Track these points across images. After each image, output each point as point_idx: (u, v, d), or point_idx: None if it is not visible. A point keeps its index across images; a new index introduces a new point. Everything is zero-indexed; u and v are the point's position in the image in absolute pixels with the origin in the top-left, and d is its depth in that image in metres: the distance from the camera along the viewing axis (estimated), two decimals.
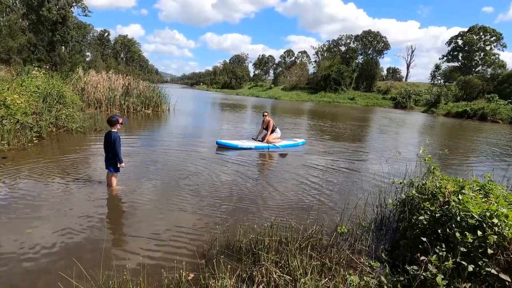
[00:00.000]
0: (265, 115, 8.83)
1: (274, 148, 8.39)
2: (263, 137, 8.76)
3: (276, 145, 8.48)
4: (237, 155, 7.51)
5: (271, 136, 8.63)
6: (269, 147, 8.39)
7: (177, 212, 4.06)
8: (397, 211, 3.79)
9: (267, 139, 8.55)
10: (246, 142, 8.44)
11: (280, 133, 8.97)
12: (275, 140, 8.66)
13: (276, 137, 8.77)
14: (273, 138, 8.65)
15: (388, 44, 66.44)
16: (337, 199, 4.91)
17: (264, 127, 8.85)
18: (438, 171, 3.49)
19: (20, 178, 4.87)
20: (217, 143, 8.20)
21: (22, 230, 3.29)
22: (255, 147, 8.30)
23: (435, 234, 2.63)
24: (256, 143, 8.53)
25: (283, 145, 8.67)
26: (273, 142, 8.57)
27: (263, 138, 8.70)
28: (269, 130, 8.62)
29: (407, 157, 8.08)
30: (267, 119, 8.73)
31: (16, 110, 7.22)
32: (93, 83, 14.81)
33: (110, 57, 74.79)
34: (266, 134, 8.69)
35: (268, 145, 8.42)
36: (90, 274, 2.52)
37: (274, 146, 8.43)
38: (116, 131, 4.55)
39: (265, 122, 8.81)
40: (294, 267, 2.62)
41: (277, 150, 8.32)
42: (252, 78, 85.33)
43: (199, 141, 9.18)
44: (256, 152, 7.99)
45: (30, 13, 33.21)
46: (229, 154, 7.55)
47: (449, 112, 35.47)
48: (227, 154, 7.58)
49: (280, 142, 8.73)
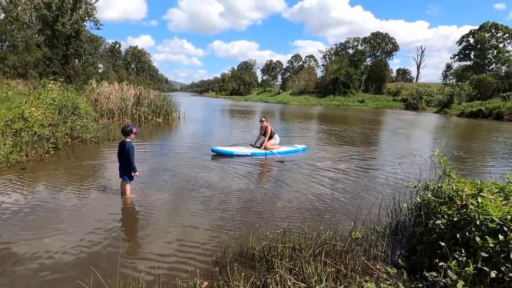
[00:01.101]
0: (262, 121, 8.63)
1: (272, 155, 8.12)
2: (261, 143, 8.54)
3: (273, 151, 8.22)
4: (248, 162, 7.52)
5: (269, 142, 8.41)
6: (266, 153, 8.16)
7: (189, 219, 4.09)
8: (412, 216, 3.71)
9: (265, 146, 8.32)
10: (243, 149, 8.25)
11: (279, 139, 8.73)
12: (273, 147, 8.43)
13: (275, 143, 8.54)
14: (271, 145, 8.42)
15: (397, 45, 65.80)
16: (349, 204, 4.84)
17: (262, 133, 8.61)
18: (454, 174, 3.40)
19: (38, 188, 5.01)
20: (212, 150, 8.01)
21: (40, 239, 3.37)
22: (251, 154, 8.08)
23: (454, 239, 2.56)
24: (253, 149, 8.32)
25: (282, 151, 8.41)
26: (271, 148, 8.34)
27: (261, 144, 8.49)
28: (267, 136, 8.39)
29: (421, 159, 7.92)
30: (265, 125, 8.50)
31: (33, 122, 7.48)
32: (106, 94, 15.21)
33: (121, 68, 76.71)
34: (264, 140, 8.47)
35: (266, 151, 8.20)
36: (107, 282, 2.55)
37: (272, 152, 8.18)
38: (129, 140, 4.65)
39: (263, 128, 8.57)
40: (308, 274, 2.59)
41: (275, 157, 8.03)
42: (260, 84, 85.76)
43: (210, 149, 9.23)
44: (266, 159, 7.91)
45: (46, 29, 34.52)
46: (240, 161, 7.57)
47: (463, 112, 34.58)
48: (237, 161, 7.60)
49: (279, 149, 8.49)
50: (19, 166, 6.08)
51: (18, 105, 8.39)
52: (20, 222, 3.80)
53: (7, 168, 5.86)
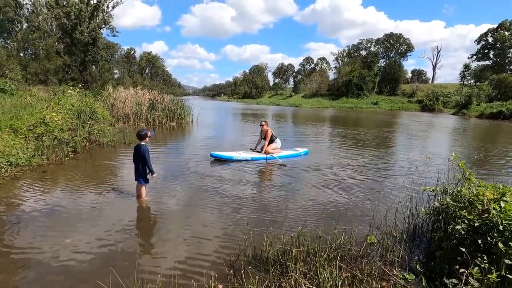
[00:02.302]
0: (262, 125, 8.44)
1: (273, 159, 7.91)
2: (262, 147, 8.30)
3: (274, 156, 8.00)
4: (259, 165, 7.53)
5: (270, 146, 8.21)
6: (267, 158, 7.95)
7: (203, 223, 4.13)
8: (430, 220, 3.61)
9: (265, 150, 8.11)
10: (243, 154, 8.05)
11: (280, 143, 8.50)
12: (274, 151, 8.21)
13: (276, 148, 8.34)
14: (272, 149, 8.20)
15: (411, 46, 64.58)
16: (364, 208, 4.76)
17: (263, 137, 8.38)
18: (474, 177, 3.29)
19: (58, 190, 5.20)
20: (211, 156, 7.81)
21: (61, 240, 3.49)
22: (251, 159, 7.87)
23: (475, 245, 2.48)
24: (253, 154, 8.12)
25: (283, 155, 8.19)
26: (272, 153, 8.11)
27: (262, 149, 8.25)
28: (267, 140, 8.18)
29: (438, 162, 7.70)
30: (265, 129, 8.31)
31: (54, 127, 7.77)
32: (122, 99, 15.63)
33: (136, 73, 78.59)
34: (264, 145, 8.25)
35: (266, 156, 8.00)
36: (125, 282, 2.61)
37: (272, 157, 7.97)
38: (144, 144, 4.76)
39: (263, 132, 8.35)
40: (323, 279, 2.57)
41: (276, 162, 7.81)
42: (272, 87, 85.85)
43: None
44: (279, 163, 7.77)
45: (65, 37, 35.91)
46: (252, 165, 7.58)
47: (482, 113, 33.44)
48: (249, 164, 7.62)
49: (280, 153, 8.29)
50: (40, 169, 6.32)
51: (39, 111, 8.75)
52: (42, 222, 3.95)
53: (30, 171, 6.10)
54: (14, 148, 6.33)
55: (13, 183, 5.40)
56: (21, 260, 3.07)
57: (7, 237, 3.54)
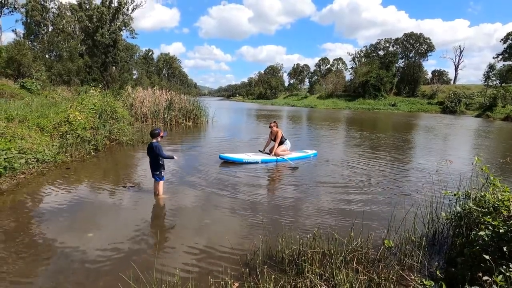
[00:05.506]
0: (271, 126, 8.17)
1: (283, 162, 7.76)
2: (271, 149, 8.14)
3: (284, 158, 7.81)
4: (270, 167, 7.53)
5: (280, 148, 7.97)
6: (277, 160, 7.79)
7: (219, 222, 4.20)
8: (451, 226, 3.50)
9: (275, 152, 7.91)
10: (252, 156, 7.86)
11: (289, 144, 8.27)
12: (283, 153, 8.00)
13: (285, 149, 8.10)
14: (281, 150, 7.98)
15: (432, 46, 62.54)
16: (381, 211, 4.67)
17: (272, 138, 8.16)
18: (499, 182, 3.17)
19: (81, 186, 5.42)
20: (220, 158, 7.65)
21: (84, 234, 3.64)
22: (261, 161, 7.72)
23: (500, 252, 2.39)
24: (263, 156, 7.94)
25: (292, 157, 7.97)
26: (281, 154, 7.92)
27: (271, 150, 8.09)
28: (277, 142, 7.94)
29: (460, 166, 7.43)
30: (275, 130, 8.05)
31: (77, 125, 8.09)
32: (140, 99, 16.05)
33: (153, 74, 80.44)
34: (273, 146, 8.07)
35: (276, 158, 7.82)
36: (145, 276, 2.70)
37: (283, 159, 7.79)
38: (156, 141, 4.88)
39: (273, 133, 8.12)
40: (339, 281, 2.55)
41: (286, 164, 7.66)
42: (287, 88, 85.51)
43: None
44: (290, 165, 7.60)
45: (87, 39, 37.26)
46: (263, 167, 7.60)
47: (508, 115, 31.96)
48: (260, 166, 7.63)
49: (290, 155, 8.08)
50: (64, 166, 6.60)
51: (64, 110, 9.13)
52: (66, 217, 4.14)
53: (55, 168, 6.39)
54: (40, 146, 6.65)
55: (40, 178, 5.67)
56: (47, 252, 3.23)
57: (35, 230, 3.73)
